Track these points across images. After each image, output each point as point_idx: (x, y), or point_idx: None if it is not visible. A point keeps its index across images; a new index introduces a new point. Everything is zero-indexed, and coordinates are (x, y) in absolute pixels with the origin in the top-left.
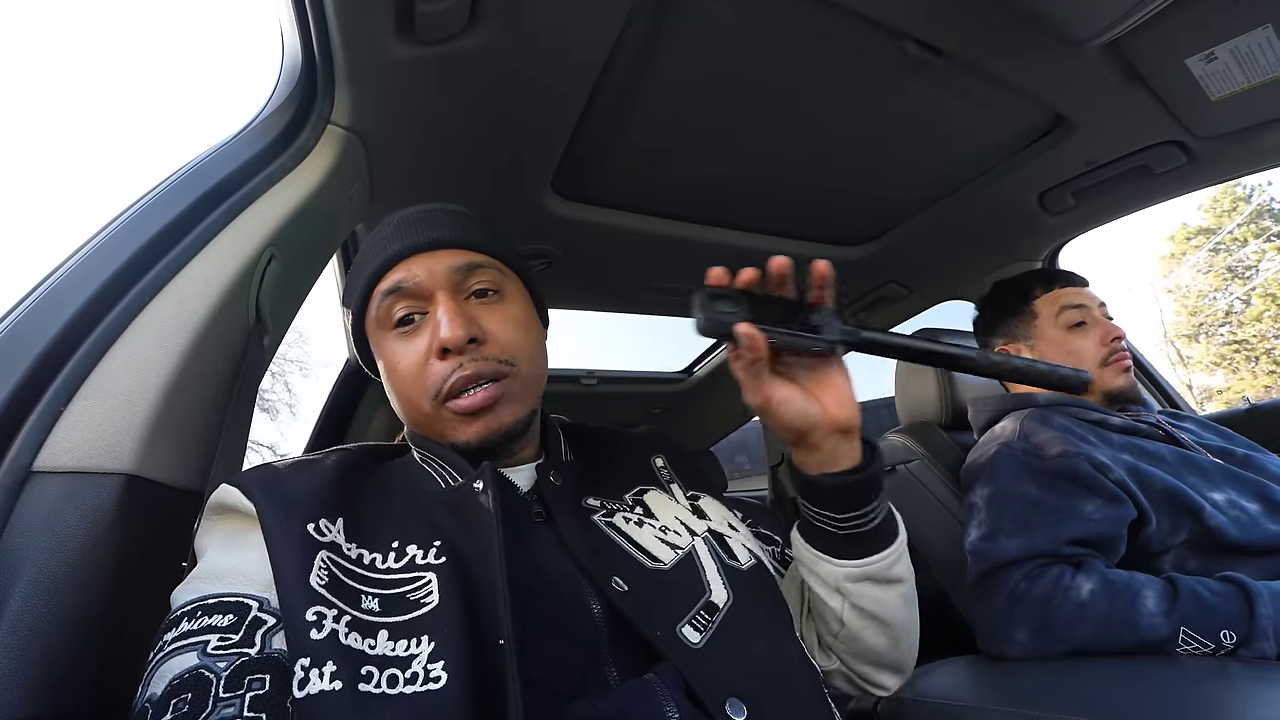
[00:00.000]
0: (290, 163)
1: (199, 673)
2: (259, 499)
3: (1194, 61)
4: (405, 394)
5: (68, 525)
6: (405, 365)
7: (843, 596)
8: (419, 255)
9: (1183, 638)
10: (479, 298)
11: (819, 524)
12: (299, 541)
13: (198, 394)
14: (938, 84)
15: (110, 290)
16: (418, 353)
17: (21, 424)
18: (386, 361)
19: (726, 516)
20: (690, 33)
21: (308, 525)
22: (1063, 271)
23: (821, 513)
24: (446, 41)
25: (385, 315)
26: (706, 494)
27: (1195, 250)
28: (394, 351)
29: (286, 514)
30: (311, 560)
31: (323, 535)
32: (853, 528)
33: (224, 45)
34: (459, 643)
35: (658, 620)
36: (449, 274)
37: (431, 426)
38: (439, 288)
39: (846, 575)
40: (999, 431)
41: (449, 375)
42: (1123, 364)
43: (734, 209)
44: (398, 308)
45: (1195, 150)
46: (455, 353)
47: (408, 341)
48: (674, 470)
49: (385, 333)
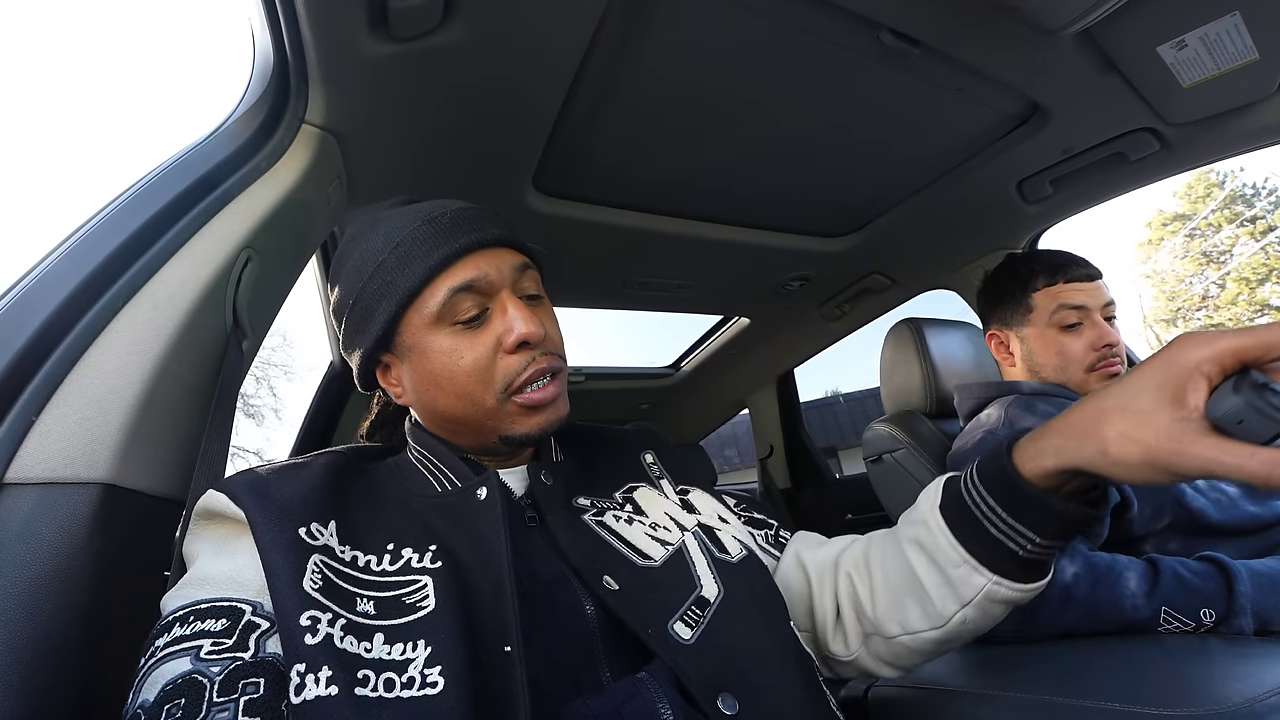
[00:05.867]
0: (265, 163)
1: (192, 678)
2: (248, 505)
3: (1165, 49)
4: (465, 389)
5: (43, 538)
6: (471, 360)
7: (965, 608)
8: (484, 252)
9: (1164, 617)
10: (530, 300)
11: (1007, 541)
12: (291, 546)
13: (175, 400)
14: (915, 74)
15: (82, 295)
16: (485, 347)
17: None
18: (440, 355)
19: (716, 509)
20: (667, 26)
21: (299, 530)
22: (1072, 262)
23: (1024, 533)
24: (421, 38)
25: (449, 310)
26: (696, 487)
27: (1172, 236)
28: (453, 347)
29: (277, 519)
30: (304, 565)
31: (315, 539)
32: (1041, 554)
33: (195, 43)
34: (456, 647)
35: (649, 618)
36: (511, 273)
37: (486, 422)
38: (505, 286)
39: (1000, 596)
40: (984, 419)
41: (523, 368)
42: (1109, 371)
43: (716, 203)
44: (468, 304)
45: (1168, 137)
46: (532, 346)
47: (473, 337)
48: (663, 465)
49: (441, 327)
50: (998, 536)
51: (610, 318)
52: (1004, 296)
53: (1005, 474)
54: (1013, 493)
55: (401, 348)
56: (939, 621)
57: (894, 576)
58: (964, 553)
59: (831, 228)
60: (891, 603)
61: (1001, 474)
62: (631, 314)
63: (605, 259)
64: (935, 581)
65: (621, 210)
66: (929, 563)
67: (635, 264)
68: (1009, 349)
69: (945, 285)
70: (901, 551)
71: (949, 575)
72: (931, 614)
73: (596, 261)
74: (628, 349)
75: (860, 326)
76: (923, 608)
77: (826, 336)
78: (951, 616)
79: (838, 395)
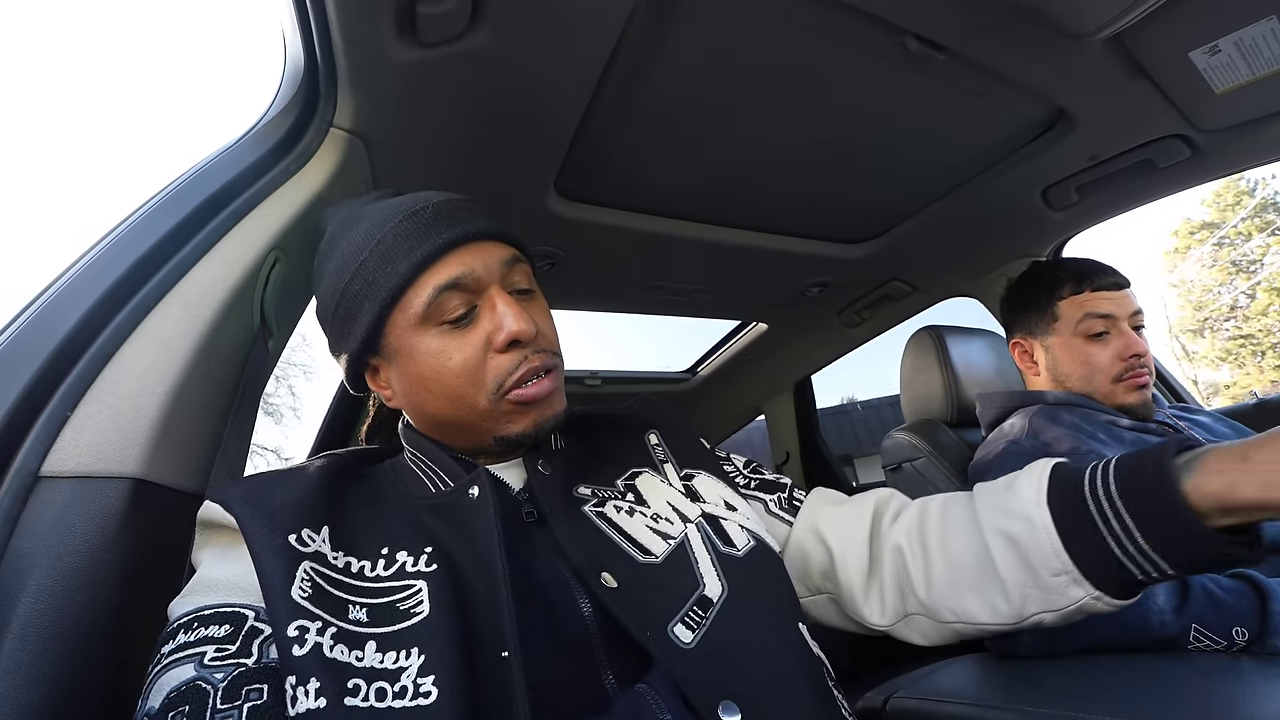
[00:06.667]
0: (294, 166)
1: (196, 684)
2: (240, 512)
3: (1197, 54)
4: (456, 390)
5: (75, 529)
6: (460, 360)
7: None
8: (469, 246)
9: (1194, 634)
10: (521, 295)
11: (1130, 565)
12: (280, 553)
13: (203, 397)
14: (938, 80)
15: (116, 295)
16: (474, 347)
17: (29, 429)
18: (427, 358)
19: (722, 493)
20: (691, 32)
21: (289, 536)
22: (1099, 270)
23: (1157, 562)
24: (448, 43)
25: (435, 309)
26: (703, 470)
27: (1199, 245)
28: (441, 347)
29: (268, 526)
30: (294, 572)
31: (305, 545)
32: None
33: (227, 50)
34: (450, 655)
35: (648, 619)
36: (500, 267)
37: (478, 424)
38: (494, 281)
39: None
40: (1007, 429)
41: (515, 367)
42: (1136, 382)
43: (736, 207)
44: (455, 302)
45: (1199, 144)
46: (524, 344)
47: (461, 336)
48: (668, 447)
49: (428, 327)
50: (1121, 558)
51: (628, 321)
52: (1028, 304)
53: (1165, 494)
54: (1164, 517)
55: (388, 350)
56: (1012, 620)
57: (963, 562)
58: (1070, 563)
59: (852, 233)
60: (952, 591)
61: (1158, 492)
62: (647, 318)
63: (624, 263)
64: (1022, 582)
65: (641, 215)
66: (1019, 562)
67: (654, 268)
68: (1033, 358)
69: (967, 293)
70: (981, 539)
71: (1043, 581)
72: (1003, 612)
73: (616, 265)
74: (646, 353)
75: (880, 333)
76: (993, 605)
77: (845, 343)
78: (1029, 618)
79: (854, 402)
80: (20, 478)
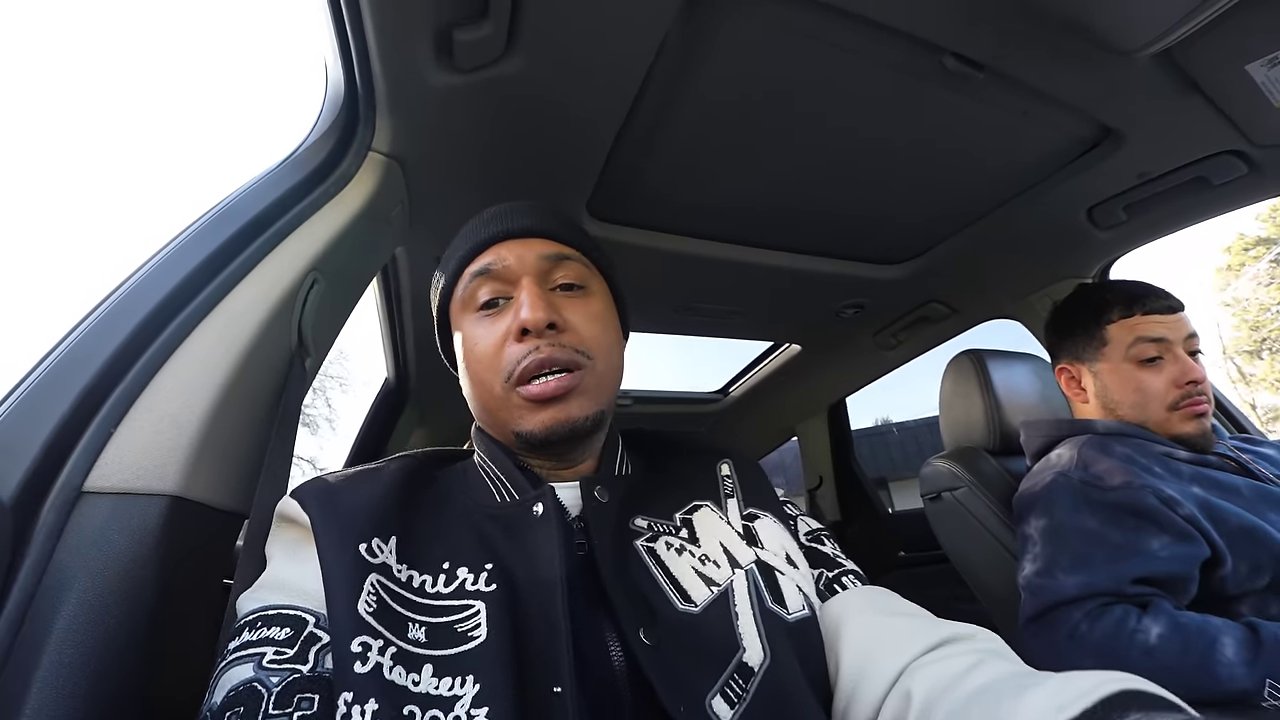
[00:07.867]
0: (333, 189)
1: (252, 686)
2: (314, 513)
3: (1255, 67)
4: (478, 376)
5: (115, 545)
6: (483, 346)
7: None
8: (511, 241)
9: (1269, 690)
10: (564, 290)
11: None
12: (351, 563)
13: (241, 416)
14: (978, 98)
15: (160, 315)
16: (497, 334)
17: (74, 446)
18: (465, 343)
19: (785, 545)
20: (725, 55)
21: (360, 546)
22: (1151, 293)
23: None
24: (484, 69)
25: (470, 297)
26: (769, 514)
27: (1254, 261)
28: (473, 333)
29: (340, 532)
30: (361, 584)
31: (374, 556)
32: None
33: (269, 78)
34: (504, 686)
35: (684, 690)
36: (537, 261)
37: (498, 413)
38: (526, 273)
39: None
40: (1055, 459)
41: (523, 357)
42: (1194, 410)
43: (771, 229)
44: (483, 290)
45: (1256, 160)
46: (534, 335)
47: (490, 324)
48: (738, 480)
49: (468, 314)
50: None
51: (658, 342)
52: (1075, 329)
53: None
54: None
55: (452, 334)
56: None
57: None
58: None
59: (889, 254)
60: None
61: None
62: (680, 339)
63: (657, 284)
64: None
65: (674, 236)
66: None
67: (686, 289)
68: (1080, 384)
69: (1008, 315)
70: None
71: None
72: None
73: (648, 286)
74: (677, 373)
75: (917, 356)
76: None
77: (880, 365)
78: None
79: (890, 424)
80: (64, 493)
